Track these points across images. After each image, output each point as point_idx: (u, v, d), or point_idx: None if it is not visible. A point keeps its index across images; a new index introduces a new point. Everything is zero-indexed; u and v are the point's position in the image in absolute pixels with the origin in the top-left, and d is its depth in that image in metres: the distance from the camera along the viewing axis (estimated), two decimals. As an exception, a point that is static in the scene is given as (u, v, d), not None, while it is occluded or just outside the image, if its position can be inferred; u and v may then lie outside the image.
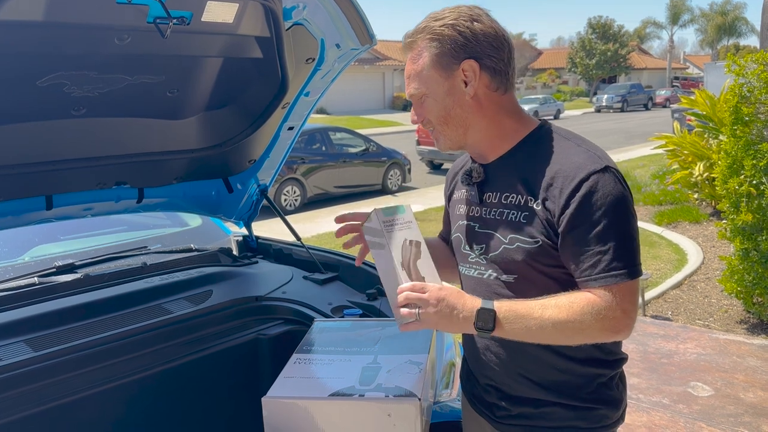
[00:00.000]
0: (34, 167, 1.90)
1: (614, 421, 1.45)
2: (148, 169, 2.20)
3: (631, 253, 1.31)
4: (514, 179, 1.41)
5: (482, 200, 1.46)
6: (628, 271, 1.30)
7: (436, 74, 1.41)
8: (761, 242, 4.45)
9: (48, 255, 2.57)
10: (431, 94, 1.43)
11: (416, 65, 1.43)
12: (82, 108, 1.81)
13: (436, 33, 1.39)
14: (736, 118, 4.60)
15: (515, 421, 1.45)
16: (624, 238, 1.31)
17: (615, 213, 1.30)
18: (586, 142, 1.41)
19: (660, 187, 9.70)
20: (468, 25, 1.39)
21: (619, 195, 1.31)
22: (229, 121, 2.18)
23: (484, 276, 1.46)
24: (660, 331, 4.79)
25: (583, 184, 1.30)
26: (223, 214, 2.70)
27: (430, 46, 1.40)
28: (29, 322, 1.93)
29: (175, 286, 2.27)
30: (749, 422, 3.43)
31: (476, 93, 1.40)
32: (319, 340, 1.66)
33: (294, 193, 11.02)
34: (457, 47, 1.38)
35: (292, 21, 1.92)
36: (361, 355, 1.56)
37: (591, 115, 35.30)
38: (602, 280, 1.29)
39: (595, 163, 1.32)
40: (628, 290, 1.30)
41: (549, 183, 1.34)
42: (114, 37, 1.61)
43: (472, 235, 1.49)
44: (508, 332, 1.31)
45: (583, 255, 1.31)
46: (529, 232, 1.36)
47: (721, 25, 53.35)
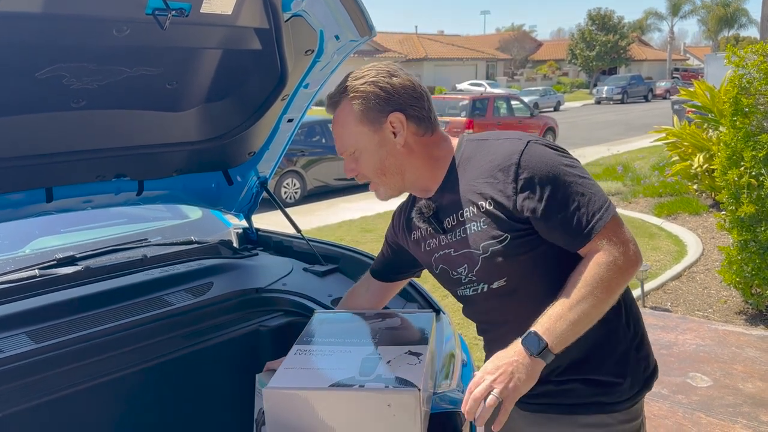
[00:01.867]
0: (34, 159, 1.90)
1: (637, 391, 1.47)
2: (147, 162, 2.20)
3: (596, 195, 1.38)
4: (460, 195, 1.47)
5: (444, 228, 1.51)
6: (605, 211, 1.36)
7: (365, 129, 1.48)
8: (760, 233, 4.46)
9: (48, 247, 2.58)
10: (363, 148, 1.49)
11: (344, 123, 1.50)
12: (81, 100, 1.81)
13: (359, 91, 1.46)
14: (736, 110, 4.60)
15: (537, 400, 1.46)
16: (581, 187, 1.38)
17: (558, 173, 1.37)
18: (503, 133, 1.49)
19: (660, 178, 9.69)
20: (387, 80, 1.47)
21: (551, 157, 1.39)
22: (228, 113, 2.18)
23: (479, 291, 1.50)
24: (659, 322, 4.80)
25: (519, 167, 1.37)
26: (223, 206, 2.70)
27: (355, 104, 1.47)
28: (30, 314, 1.94)
29: (175, 278, 2.28)
30: (748, 412, 3.44)
31: (406, 141, 1.48)
32: (320, 331, 1.67)
33: (294, 186, 11.02)
34: (381, 101, 1.46)
35: (291, 12, 1.91)
36: (361, 346, 1.56)
37: (591, 107, 35.24)
38: (594, 233, 1.35)
39: (519, 144, 1.40)
40: (616, 224, 1.37)
41: (490, 180, 1.41)
42: (113, 29, 1.61)
43: (452, 261, 1.52)
44: (561, 338, 1.32)
45: (562, 225, 1.37)
46: (495, 233, 1.41)
47: (722, 16, 53.17)
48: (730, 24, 54.28)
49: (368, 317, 1.74)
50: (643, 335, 1.53)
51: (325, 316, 1.80)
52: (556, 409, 1.46)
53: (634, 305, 1.54)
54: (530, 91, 33.77)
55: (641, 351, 1.51)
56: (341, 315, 1.79)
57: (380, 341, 1.59)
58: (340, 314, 1.79)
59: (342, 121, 1.51)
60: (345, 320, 1.75)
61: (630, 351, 1.48)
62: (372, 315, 1.75)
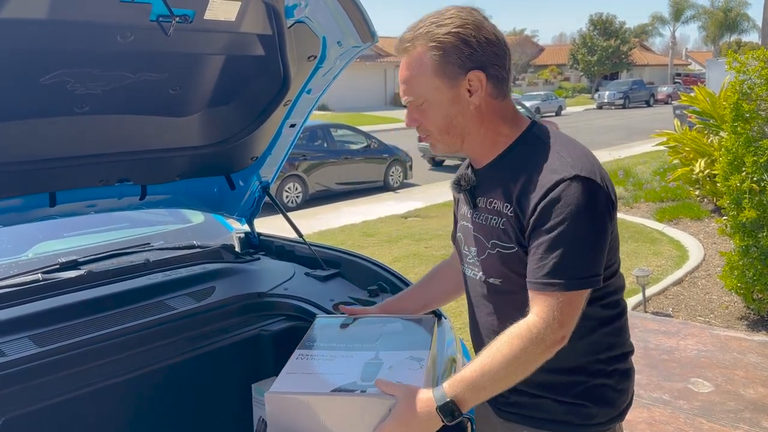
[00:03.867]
0: (38, 164, 1.91)
1: (609, 419, 1.45)
2: (150, 166, 2.21)
3: (578, 265, 1.30)
4: (497, 186, 1.42)
5: (476, 204, 1.49)
6: (566, 282, 1.29)
7: (440, 83, 1.38)
8: (762, 239, 4.46)
9: (51, 252, 2.59)
10: (433, 102, 1.40)
11: (416, 71, 1.39)
12: (85, 105, 1.82)
13: (439, 41, 1.35)
14: (737, 115, 4.60)
15: (512, 409, 1.47)
16: (573, 249, 1.29)
17: (572, 222, 1.28)
18: (567, 146, 1.39)
19: (661, 183, 9.69)
20: (474, 33, 1.35)
21: (581, 205, 1.28)
22: (231, 118, 2.19)
23: (477, 277, 1.50)
24: (661, 327, 4.79)
25: (549, 193, 1.30)
26: (225, 210, 2.71)
27: (434, 54, 1.36)
28: (33, 318, 1.94)
29: (177, 283, 2.29)
30: (749, 418, 3.44)
31: (479, 103, 1.39)
32: (321, 336, 1.67)
33: (296, 190, 11.04)
34: (464, 57, 1.35)
35: (294, 19, 1.92)
36: (363, 351, 1.56)
37: (592, 112, 35.25)
38: (540, 286, 1.31)
39: (566, 171, 1.31)
40: (569, 301, 1.30)
41: (522, 190, 1.35)
42: (117, 35, 1.62)
43: (468, 237, 1.52)
44: (473, 400, 1.32)
45: (533, 258, 1.32)
46: (506, 239, 1.39)
47: (723, 21, 53.21)
48: (731, 29, 54.33)
49: (370, 322, 1.74)
50: (627, 371, 1.49)
51: (327, 320, 1.80)
52: (528, 421, 1.46)
53: (619, 339, 1.48)
54: (532, 95, 33.80)
55: (621, 385, 1.47)
56: (342, 319, 1.79)
57: (382, 346, 1.59)
58: (341, 318, 1.79)
59: (414, 69, 1.39)
60: (346, 325, 1.75)
61: (606, 386, 1.44)
62: (373, 320, 1.75)
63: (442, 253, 1.89)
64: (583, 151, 1.39)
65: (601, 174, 1.36)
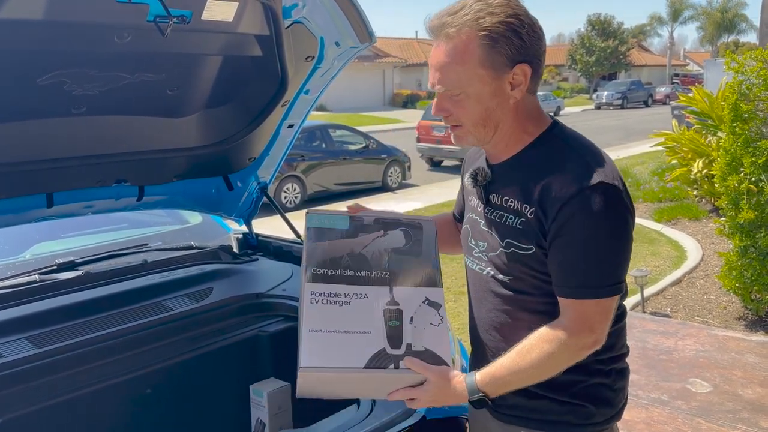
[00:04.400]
0: (35, 165, 1.91)
1: (606, 418, 1.46)
2: (148, 167, 2.21)
3: (605, 273, 1.32)
4: (515, 184, 1.41)
5: (488, 200, 1.47)
6: (597, 290, 1.31)
7: (485, 73, 1.31)
8: (760, 239, 4.46)
9: (49, 252, 2.58)
10: (472, 93, 1.33)
11: (459, 59, 1.31)
12: (82, 106, 1.82)
13: (490, 30, 1.28)
14: (735, 116, 4.61)
15: (510, 411, 1.47)
16: (603, 257, 1.32)
17: (600, 230, 1.30)
18: (589, 151, 1.38)
19: (659, 184, 9.70)
20: (525, 25, 1.30)
21: (608, 212, 1.29)
22: (229, 118, 2.18)
23: (483, 272, 1.49)
24: (659, 327, 4.80)
25: (572, 200, 1.29)
26: (223, 211, 2.71)
27: (483, 44, 1.29)
28: (31, 319, 1.94)
29: (175, 284, 2.28)
30: (748, 418, 3.44)
31: (519, 97, 1.36)
32: (323, 254, 1.54)
33: (294, 191, 11.03)
34: (513, 49, 1.29)
35: (292, 19, 1.92)
36: (376, 287, 1.49)
37: (591, 112, 35.28)
38: (571, 293, 1.33)
39: (589, 178, 1.30)
40: (599, 309, 1.33)
41: (544, 193, 1.34)
42: (114, 36, 1.62)
43: (477, 231, 1.51)
44: (500, 393, 1.39)
45: (560, 267, 1.34)
46: (524, 239, 1.37)
47: (721, 21, 53.30)
48: (729, 30, 54.41)
49: (368, 228, 1.58)
50: (623, 371, 1.50)
51: (321, 219, 1.60)
52: (525, 422, 1.46)
53: (619, 341, 1.49)
54: (530, 96, 33.77)
55: (617, 384, 1.48)
56: (338, 222, 1.60)
57: (393, 276, 1.52)
58: (337, 220, 1.60)
59: (457, 57, 1.30)
60: (345, 233, 1.58)
61: (603, 385, 1.45)
62: (372, 225, 1.59)
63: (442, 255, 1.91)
64: (603, 156, 1.39)
65: (618, 176, 1.36)
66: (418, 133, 15.51)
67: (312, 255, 1.53)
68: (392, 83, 39.95)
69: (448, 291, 2.85)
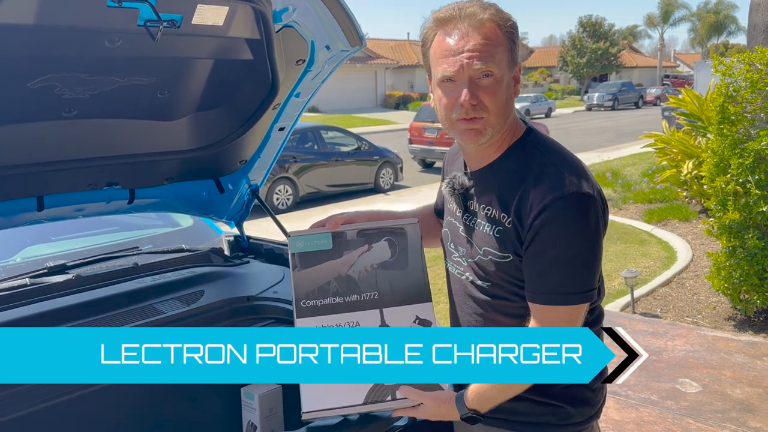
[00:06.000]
0: (25, 168, 1.91)
1: (586, 418, 1.49)
2: (139, 170, 2.21)
3: (575, 281, 1.35)
4: (492, 193, 1.44)
5: (466, 207, 1.51)
6: (567, 297, 1.35)
7: (509, 61, 1.41)
8: (748, 240, 4.50)
9: (39, 256, 2.58)
10: (502, 78, 1.39)
11: (494, 42, 1.37)
12: (73, 110, 1.82)
13: (510, 26, 1.41)
14: (723, 117, 4.65)
15: (492, 414, 1.48)
16: (574, 265, 1.35)
17: (571, 239, 1.34)
18: (564, 160, 1.41)
19: (650, 185, 9.76)
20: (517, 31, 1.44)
21: (579, 221, 1.33)
22: (219, 122, 2.19)
23: (462, 277, 1.53)
24: (649, 328, 4.83)
25: (545, 209, 1.32)
26: (214, 214, 2.71)
27: (507, 38, 1.40)
28: (21, 323, 1.93)
29: (166, 287, 2.28)
30: (736, 418, 3.47)
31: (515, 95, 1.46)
32: (310, 283, 1.52)
33: (286, 192, 11.02)
34: (516, 49, 1.43)
35: (282, 23, 1.93)
36: (366, 311, 1.50)
37: (582, 114, 35.42)
38: (542, 300, 1.37)
39: (563, 188, 1.33)
40: (564, 314, 1.37)
41: (520, 202, 1.37)
42: (105, 40, 1.62)
43: (456, 235, 1.54)
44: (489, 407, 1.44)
45: (534, 271, 1.37)
46: (501, 247, 1.41)
47: (712, 23, 53.65)
48: (719, 31, 54.77)
49: (352, 243, 1.56)
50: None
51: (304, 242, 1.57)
52: (506, 424, 1.48)
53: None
54: (522, 97, 33.87)
55: (596, 384, 1.50)
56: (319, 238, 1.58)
57: (382, 296, 1.51)
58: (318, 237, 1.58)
59: (493, 39, 1.37)
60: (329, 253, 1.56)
61: (582, 385, 1.47)
62: (355, 239, 1.57)
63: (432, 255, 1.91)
64: (575, 162, 1.41)
65: (593, 183, 1.38)
66: (410, 134, 15.53)
67: (300, 286, 1.52)
68: (384, 85, 39.97)
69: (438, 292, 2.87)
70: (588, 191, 1.35)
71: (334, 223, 1.61)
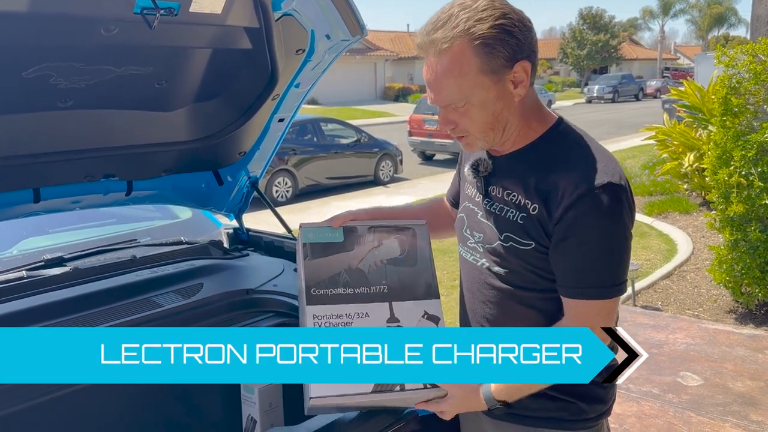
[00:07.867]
0: (21, 160, 1.88)
1: (597, 414, 1.47)
2: (136, 162, 2.18)
3: (612, 273, 1.34)
4: (518, 178, 1.40)
5: (487, 192, 1.46)
6: (604, 290, 1.34)
7: (486, 80, 1.30)
8: (750, 232, 4.48)
9: (36, 248, 2.56)
10: (477, 102, 1.32)
11: (457, 72, 1.28)
12: (69, 100, 1.79)
13: (484, 37, 1.26)
14: (726, 109, 4.62)
15: (503, 408, 1.46)
16: (606, 258, 1.33)
17: (606, 231, 1.31)
18: (595, 150, 1.37)
19: (650, 177, 9.75)
20: (515, 22, 1.28)
21: (614, 213, 1.30)
22: (218, 112, 2.16)
23: (478, 263, 1.48)
24: (650, 321, 4.82)
25: (579, 200, 1.29)
26: (213, 206, 2.69)
27: (479, 52, 1.26)
28: (18, 315, 1.92)
29: (165, 279, 2.26)
30: (738, 411, 3.46)
31: (523, 93, 1.35)
32: (321, 273, 1.52)
33: (285, 185, 11.00)
34: (510, 49, 1.28)
35: (282, 12, 1.90)
36: (376, 303, 1.49)
37: (582, 106, 35.36)
38: (577, 293, 1.34)
39: (597, 179, 1.29)
40: (602, 307, 1.35)
41: (550, 190, 1.33)
42: (101, 28, 1.59)
43: (474, 221, 1.50)
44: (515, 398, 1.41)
45: (567, 268, 1.34)
46: (524, 234, 1.37)
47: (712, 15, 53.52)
48: (719, 23, 54.65)
49: (363, 239, 1.57)
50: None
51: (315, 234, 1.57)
52: (516, 419, 1.47)
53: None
54: (522, 89, 33.80)
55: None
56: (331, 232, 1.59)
57: (391, 289, 1.51)
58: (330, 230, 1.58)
59: (455, 70, 1.28)
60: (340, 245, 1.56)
61: (594, 382, 1.42)
62: (365, 235, 1.57)
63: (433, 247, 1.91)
64: (608, 155, 1.38)
65: (622, 174, 1.35)
66: (409, 126, 15.49)
67: (310, 274, 1.51)
68: (384, 76, 39.87)
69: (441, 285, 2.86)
70: (621, 183, 1.32)
71: (336, 222, 1.60)
